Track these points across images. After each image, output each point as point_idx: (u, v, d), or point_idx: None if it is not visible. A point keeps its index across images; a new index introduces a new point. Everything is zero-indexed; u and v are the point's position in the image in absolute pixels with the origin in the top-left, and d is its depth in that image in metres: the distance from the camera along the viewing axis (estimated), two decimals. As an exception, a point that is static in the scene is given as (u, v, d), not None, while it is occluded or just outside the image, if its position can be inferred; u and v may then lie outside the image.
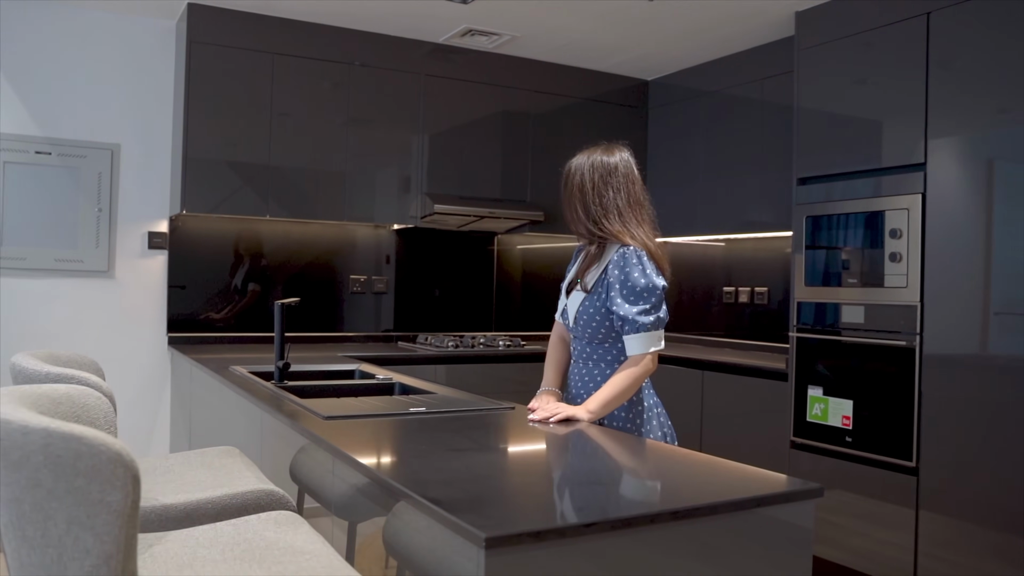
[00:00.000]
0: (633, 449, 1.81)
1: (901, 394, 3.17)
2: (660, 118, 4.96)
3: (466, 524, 1.15)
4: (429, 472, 1.52)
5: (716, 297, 4.81)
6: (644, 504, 1.33)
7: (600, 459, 1.75)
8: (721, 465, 1.62)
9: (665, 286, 2.13)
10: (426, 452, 1.72)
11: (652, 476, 1.54)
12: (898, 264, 3.20)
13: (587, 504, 1.35)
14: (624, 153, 2.30)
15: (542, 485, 1.47)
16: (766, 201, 4.17)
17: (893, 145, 3.27)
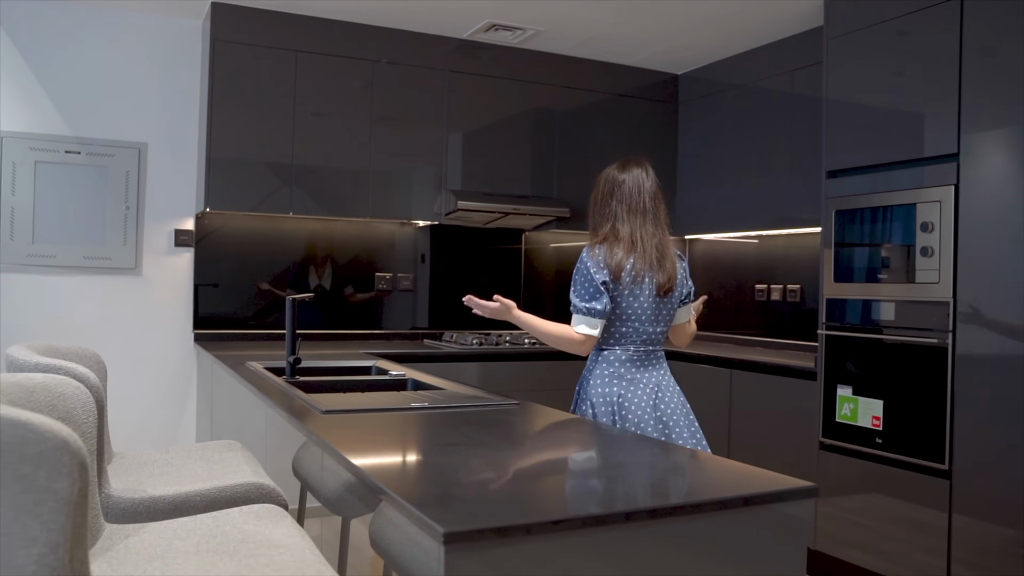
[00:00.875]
0: (628, 446, 1.75)
1: (933, 394, 3.04)
2: (690, 113, 4.87)
3: (428, 519, 1.12)
4: (412, 467, 1.49)
5: (748, 295, 4.71)
6: (622, 501, 1.28)
7: (591, 455, 1.70)
8: (714, 462, 1.56)
9: (604, 280, 2.31)
10: (415, 447, 1.69)
11: (640, 472, 1.48)
12: (929, 259, 3.07)
13: (563, 500, 1.30)
14: (637, 170, 2.46)
15: (523, 480, 1.42)
16: (798, 196, 4.05)
17: (924, 136, 3.14)
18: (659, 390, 2.39)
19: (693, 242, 5.17)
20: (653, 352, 2.42)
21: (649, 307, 2.35)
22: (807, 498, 1.35)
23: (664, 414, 2.36)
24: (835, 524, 3.42)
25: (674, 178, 4.94)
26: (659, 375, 2.42)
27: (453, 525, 1.10)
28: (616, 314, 2.35)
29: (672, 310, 2.44)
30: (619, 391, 2.35)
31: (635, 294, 2.33)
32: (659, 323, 2.40)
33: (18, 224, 3.74)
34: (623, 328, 2.37)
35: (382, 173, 4.13)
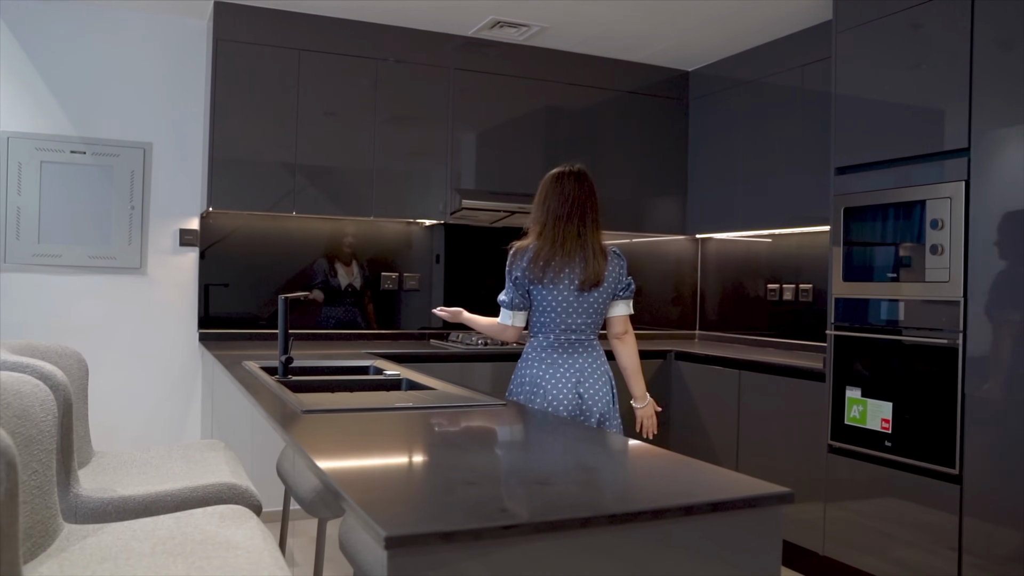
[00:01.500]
0: (606, 447, 1.70)
1: (943, 396, 2.95)
2: (701, 110, 4.80)
3: (373, 521, 1.08)
4: (375, 468, 1.45)
5: (760, 295, 4.62)
6: (583, 507, 1.23)
7: (564, 458, 1.65)
8: (688, 465, 1.50)
9: (516, 276, 2.64)
10: (385, 448, 1.65)
11: (610, 476, 1.43)
12: (939, 257, 2.98)
13: (522, 504, 1.26)
14: (569, 176, 2.72)
15: (486, 483, 1.38)
16: (810, 194, 3.96)
17: (935, 130, 3.05)
18: (582, 375, 2.60)
19: (705, 241, 5.10)
20: (577, 340, 2.62)
21: (569, 300, 2.58)
22: (780, 504, 1.29)
23: (583, 399, 2.58)
24: (844, 529, 3.34)
25: (684, 176, 4.87)
26: (583, 361, 2.62)
27: (397, 528, 1.06)
28: (537, 306, 2.63)
29: (600, 303, 2.64)
30: (540, 373, 2.60)
31: (554, 288, 2.57)
32: (582, 315, 2.61)
33: (24, 224, 3.76)
34: (543, 318, 2.63)
35: (386, 172, 4.10)
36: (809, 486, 3.52)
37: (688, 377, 4.28)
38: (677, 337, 5.07)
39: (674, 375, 4.37)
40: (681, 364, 4.34)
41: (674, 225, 4.87)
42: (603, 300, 2.64)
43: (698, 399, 4.21)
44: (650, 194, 4.79)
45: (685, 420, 4.28)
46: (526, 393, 2.60)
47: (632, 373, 2.77)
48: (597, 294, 2.61)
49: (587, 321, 2.62)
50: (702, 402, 4.19)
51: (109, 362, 3.91)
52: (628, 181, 4.71)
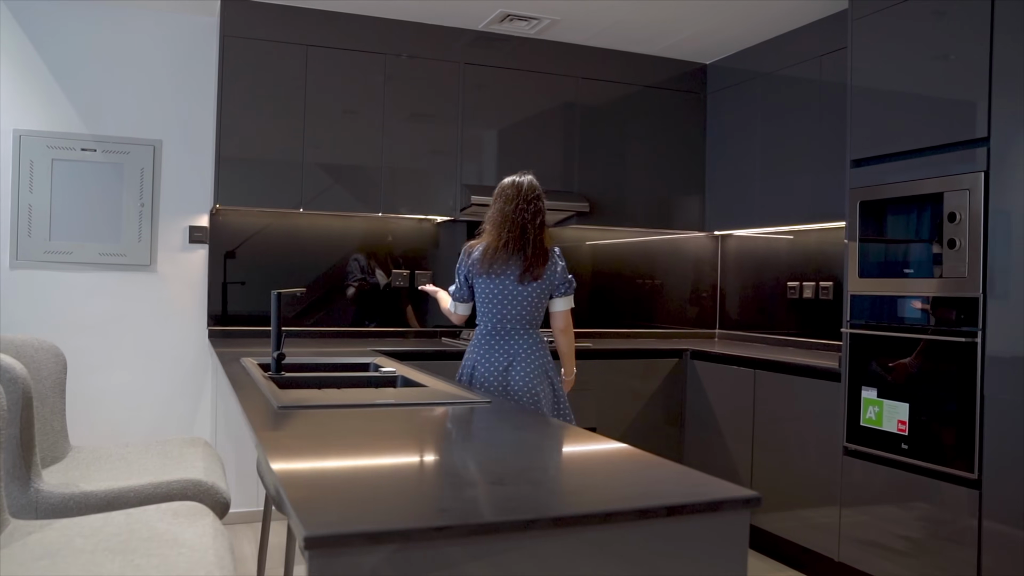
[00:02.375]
0: (575, 447, 1.63)
1: (961, 397, 2.83)
2: (718, 104, 4.69)
3: (298, 520, 1.03)
4: (328, 465, 1.40)
5: (780, 293, 4.50)
6: (528, 508, 1.16)
7: (527, 456, 1.58)
8: (657, 466, 1.43)
9: (463, 272, 2.98)
10: (349, 445, 1.60)
11: (572, 477, 1.36)
12: (957, 252, 2.85)
13: (467, 505, 1.19)
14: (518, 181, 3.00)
15: (436, 481, 1.32)
16: (830, 189, 3.83)
17: (953, 119, 2.92)
18: (512, 360, 2.85)
19: (725, 239, 4.98)
20: (513, 329, 2.88)
21: (507, 292, 2.86)
22: (745, 508, 1.21)
23: (509, 383, 2.83)
24: (860, 534, 3.22)
25: (702, 172, 4.76)
26: (516, 348, 2.87)
27: (320, 528, 1.00)
28: (479, 296, 2.92)
29: (536, 297, 2.89)
30: (476, 357, 2.89)
31: (496, 281, 2.86)
32: (518, 307, 2.87)
33: (35, 221, 3.80)
34: (483, 308, 2.92)
35: (395, 168, 4.06)
36: (824, 489, 3.40)
37: (704, 376, 4.18)
38: (697, 336, 4.96)
39: (690, 374, 4.27)
40: (697, 363, 4.24)
41: (693, 222, 4.77)
42: (539, 294, 2.90)
43: (713, 399, 4.11)
44: (668, 190, 4.69)
45: (700, 420, 4.18)
46: (467, 376, 2.91)
47: (564, 358, 3.08)
48: (533, 288, 2.87)
49: (522, 312, 2.88)
50: (717, 402, 4.09)
51: (119, 359, 3.93)
52: (645, 177, 4.62)
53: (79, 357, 3.85)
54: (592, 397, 4.09)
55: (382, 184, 4.04)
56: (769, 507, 3.74)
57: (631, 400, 4.19)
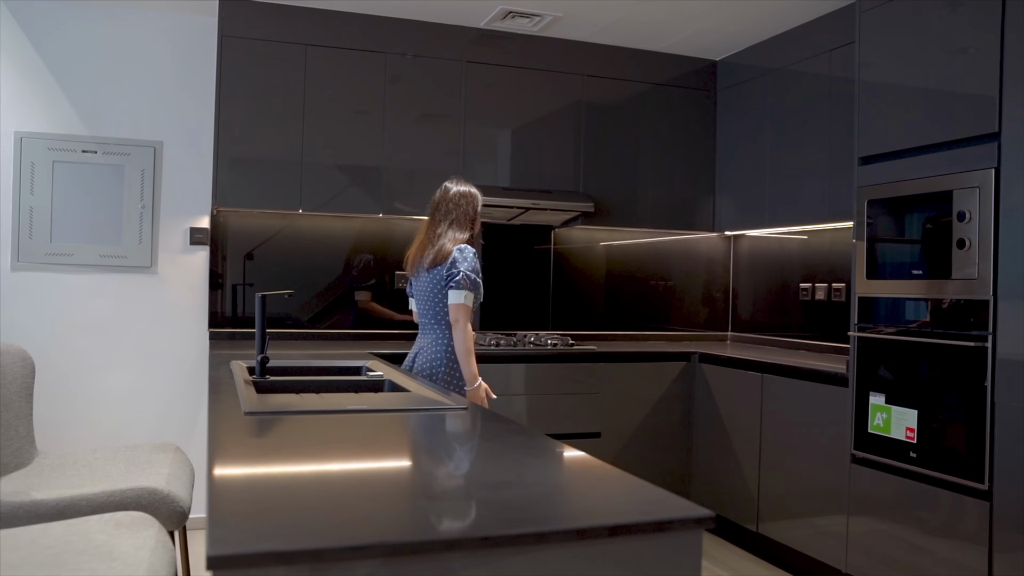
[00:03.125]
0: (536, 459, 1.55)
1: (971, 404, 2.71)
2: (729, 101, 4.58)
3: (208, 537, 0.97)
4: (278, 475, 1.34)
5: (792, 295, 4.39)
6: (456, 527, 1.09)
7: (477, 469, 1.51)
8: (613, 480, 1.35)
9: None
10: (302, 454, 1.54)
11: (516, 492, 1.28)
12: (966, 252, 2.73)
13: (394, 522, 1.13)
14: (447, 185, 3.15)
15: (373, 495, 1.25)
16: (843, 188, 3.72)
17: (962, 114, 2.80)
18: (419, 352, 3.06)
19: (737, 240, 4.87)
20: (423, 322, 3.07)
21: (418, 288, 3.08)
22: (697, 528, 1.13)
23: (413, 373, 2.99)
24: (868, 545, 3.11)
25: (712, 171, 4.65)
26: (423, 341, 3.06)
27: (226, 547, 0.94)
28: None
29: (431, 290, 3.00)
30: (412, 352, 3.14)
31: (415, 279, 3.10)
32: (423, 301, 3.05)
33: (36, 223, 3.80)
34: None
35: (396, 169, 4.01)
36: (832, 497, 3.29)
37: (712, 380, 4.08)
38: (708, 339, 4.86)
39: (698, 377, 4.17)
40: (705, 367, 4.14)
41: (703, 222, 4.67)
42: (434, 287, 3.00)
43: (721, 403, 4.01)
44: (677, 190, 4.59)
45: (708, 425, 4.08)
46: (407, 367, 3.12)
47: (460, 358, 2.97)
48: (428, 279, 3.01)
49: (425, 306, 3.05)
50: (725, 406, 3.99)
51: (120, 361, 3.92)
52: (654, 177, 4.52)
53: (79, 359, 3.86)
54: (597, 401, 4.01)
55: (383, 184, 3.99)
56: (776, 515, 3.63)
57: (638, 404, 4.10)
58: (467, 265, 2.95)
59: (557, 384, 3.97)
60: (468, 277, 2.93)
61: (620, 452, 4.05)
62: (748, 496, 3.79)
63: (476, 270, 2.96)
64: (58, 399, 3.78)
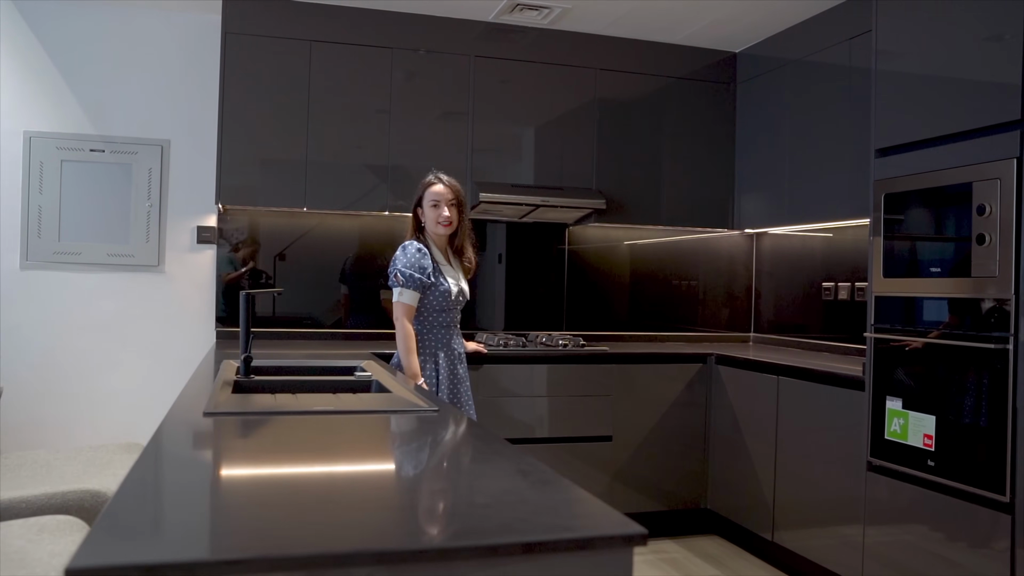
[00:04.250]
0: (477, 462, 1.46)
1: (991, 410, 2.54)
2: (749, 94, 4.42)
3: (81, 550, 0.90)
4: (190, 482, 1.27)
5: (814, 294, 4.22)
6: (352, 540, 1.01)
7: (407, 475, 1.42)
8: (544, 485, 1.25)
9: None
10: (238, 459, 1.47)
11: (438, 501, 1.19)
12: (986, 248, 2.56)
13: (289, 533, 1.04)
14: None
15: (282, 503, 1.17)
16: (863, 183, 3.54)
17: (981, 101, 2.63)
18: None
19: (760, 238, 4.71)
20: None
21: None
22: (627, 547, 1.03)
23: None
24: (885, 556, 2.95)
25: (732, 167, 4.50)
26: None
27: (88, 559, 0.87)
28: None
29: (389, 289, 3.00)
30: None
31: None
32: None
33: (45, 222, 3.82)
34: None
35: (401, 165, 3.95)
36: (848, 506, 3.14)
37: (728, 382, 3.94)
38: (730, 340, 4.70)
39: (714, 380, 4.03)
40: (722, 368, 3.99)
41: (722, 219, 4.52)
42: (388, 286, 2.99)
43: (737, 406, 3.87)
44: (695, 187, 4.45)
45: (724, 429, 3.94)
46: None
47: (400, 356, 2.95)
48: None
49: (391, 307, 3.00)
50: (741, 410, 3.84)
51: (127, 359, 3.92)
52: (671, 173, 4.39)
53: (87, 357, 3.87)
54: (609, 404, 3.89)
55: (388, 181, 3.93)
56: (792, 524, 3.48)
57: (651, 407, 3.97)
58: (403, 262, 2.89)
59: (567, 386, 3.87)
60: (402, 274, 2.88)
61: (632, 456, 3.93)
62: (764, 503, 3.64)
63: (414, 265, 2.88)
64: (65, 398, 3.79)
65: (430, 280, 2.93)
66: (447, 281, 2.99)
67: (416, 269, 2.90)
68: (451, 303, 3.01)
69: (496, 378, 3.74)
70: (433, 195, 2.99)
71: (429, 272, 2.93)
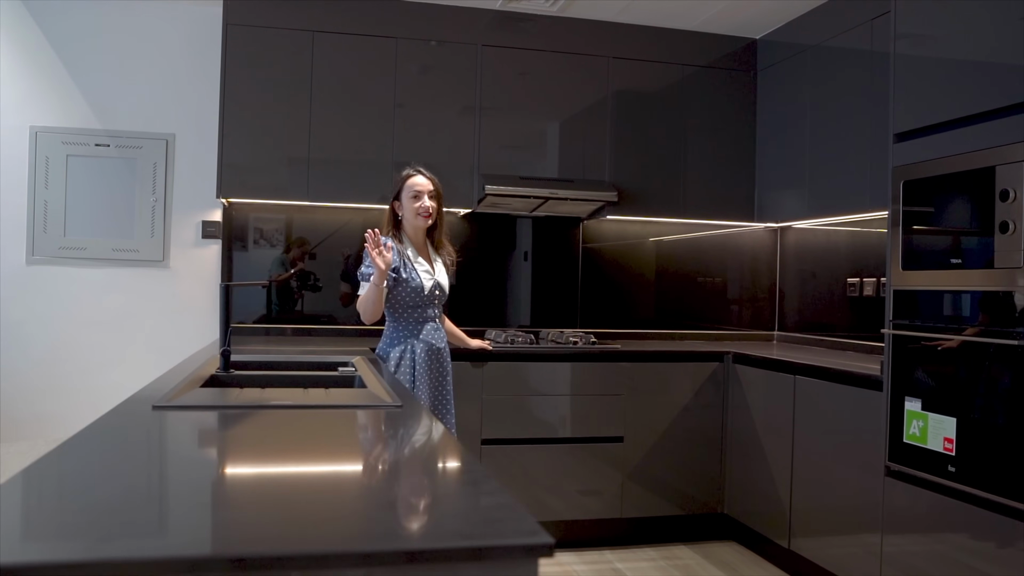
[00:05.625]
0: (412, 461, 1.34)
1: (1015, 412, 2.35)
2: (769, 82, 4.24)
3: None
4: (96, 478, 1.19)
5: (839, 290, 4.02)
6: (229, 544, 0.91)
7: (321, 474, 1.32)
8: (460, 487, 1.13)
9: None
10: (155, 458, 1.38)
11: (330, 504, 1.09)
12: (1010, 237, 2.37)
13: (171, 534, 0.95)
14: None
15: (175, 504, 1.08)
16: (886, 172, 3.35)
17: (1005, 79, 2.44)
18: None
19: (784, 232, 4.52)
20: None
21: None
22: (529, 558, 0.91)
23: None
24: (904, 566, 2.76)
25: (752, 157, 4.32)
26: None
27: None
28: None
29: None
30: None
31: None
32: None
33: (51, 217, 3.81)
34: None
35: (405, 157, 3.84)
36: (866, 513, 2.96)
37: (746, 382, 3.77)
38: (753, 338, 4.53)
39: (732, 379, 3.86)
40: (739, 367, 3.83)
41: (742, 211, 4.34)
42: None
43: (754, 407, 3.70)
44: (714, 178, 4.28)
45: (741, 430, 3.77)
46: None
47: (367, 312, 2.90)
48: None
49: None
50: (758, 410, 3.67)
51: (131, 355, 3.89)
52: (689, 165, 4.24)
53: (92, 353, 3.85)
54: (620, 403, 3.75)
55: (391, 174, 3.84)
56: (808, 531, 3.31)
57: (664, 407, 3.82)
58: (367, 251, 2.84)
59: (576, 384, 3.74)
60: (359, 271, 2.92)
61: (644, 458, 3.78)
62: (780, 509, 3.47)
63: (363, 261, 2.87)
64: (69, 393, 3.78)
65: (400, 275, 2.89)
66: (419, 276, 2.93)
67: (365, 265, 2.89)
68: (424, 299, 2.94)
69: (503, 376, 3.63)
70: (413, 187, 2.96)
71: (398, 267, 2.89)
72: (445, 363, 3.02)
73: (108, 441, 1.46)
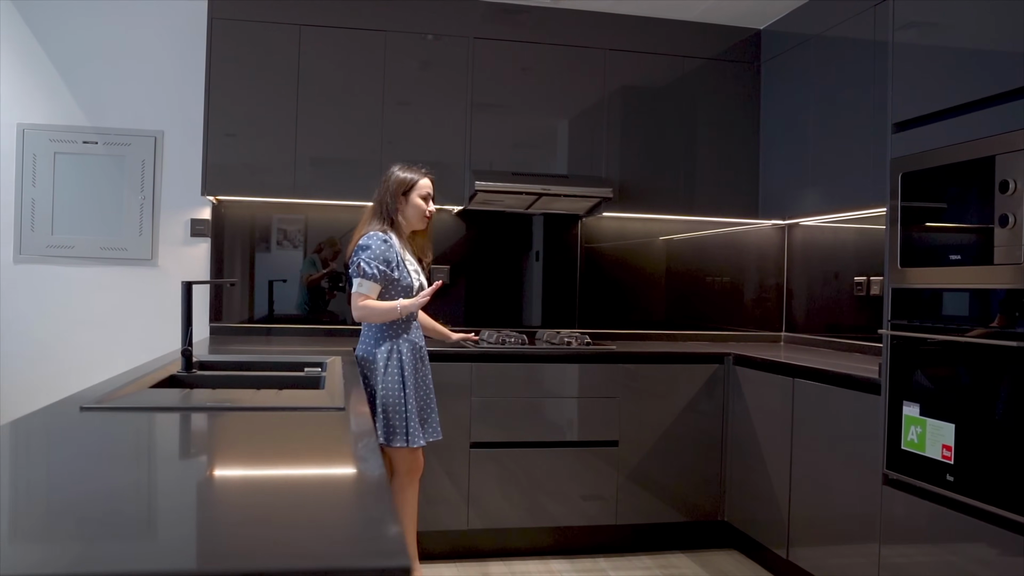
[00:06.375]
0: (322, 469, 1.24)
1: (1015, 418, 2.20)
2: (772, 74, 4.10)
3: None
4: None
5: (846, 289, 3.87)
6: (63, 562, 0.82)
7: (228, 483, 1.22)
8: (338, 502, 1.03)
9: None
10: (55, 461, 1.30)
11: (215, 519, 0.99)
12: (1010, 231, 2.22)
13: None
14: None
15: (40, 509, 0.99)
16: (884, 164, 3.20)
17: (1006, 63, 2.29)
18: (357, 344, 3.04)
19: (791, 229, 4.37)
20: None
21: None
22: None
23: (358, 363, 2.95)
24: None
25: (756, 152, 4.18)
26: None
27: None
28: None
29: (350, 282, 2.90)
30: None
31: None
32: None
33: (38, 215, 3.78)
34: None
35: (395, 154, 3.77)
36: (863, 523, 2.81)
37: (745, 384, 3.63)
38: (759, 340, 4.38)
39: (731, 382, 3.73)
40: (739, 370, 3.69)
41: (745, 208, 4.20)
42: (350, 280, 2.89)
43: (753, 410, 3.56)
44: (715, 174, 4.15)
45: (741, 434, 3.64)
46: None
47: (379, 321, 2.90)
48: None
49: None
50: (757, 414, 3.53)
51: (120, 354, 3.84)
52: (690, 160, 4.10)
53: (80, 351, 3.81)
54: (615, 406, 3.63)
55: (381, 171, 3.75)
56: (807, 540, 3.17)
57: (661, 410, 3.69)
58: (367, 253, 2.82)
59: (569, 387, 3.63)
60: (367, 264, 2.80)
61: (640, 463, 3.65)
62: (779, 518, 3.33)
63: (378, 257, 2.81)
64: (59, 392, 3.73)
65: (393, 274, 2.86)
66: (411, 275, 2.92)
67: (381, 262, 2.83)
68: (414, 297, 2.93)
69: (493, 378, 3.53)
70: (425, 188, 2.98)
71: (394, 265, 2.86)
72: (427, 360, 3.02)
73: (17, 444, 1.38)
